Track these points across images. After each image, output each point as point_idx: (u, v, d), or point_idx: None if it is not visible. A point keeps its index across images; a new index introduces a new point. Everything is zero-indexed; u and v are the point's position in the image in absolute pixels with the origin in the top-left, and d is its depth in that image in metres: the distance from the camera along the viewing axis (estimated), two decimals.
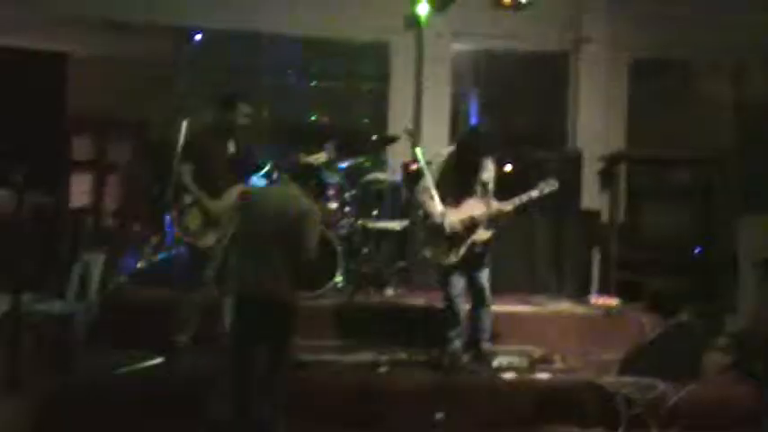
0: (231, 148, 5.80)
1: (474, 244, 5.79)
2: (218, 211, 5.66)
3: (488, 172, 5.86)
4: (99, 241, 7.93)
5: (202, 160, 5.67)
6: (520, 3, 8.12)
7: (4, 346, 5.32)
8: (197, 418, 4.84)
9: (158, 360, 5.46)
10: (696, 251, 7.59)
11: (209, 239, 5.66)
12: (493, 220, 5.77)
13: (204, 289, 5.74)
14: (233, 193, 5.64)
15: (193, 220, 5.67)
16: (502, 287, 6.58)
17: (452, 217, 5.74)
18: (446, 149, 6.12)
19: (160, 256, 7.33)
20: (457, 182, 5.85)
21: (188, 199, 5.74)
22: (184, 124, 5.98)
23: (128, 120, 9.50)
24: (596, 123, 8.53)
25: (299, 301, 4.91)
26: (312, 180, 4.98)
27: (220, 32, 8.81)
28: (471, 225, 5.74)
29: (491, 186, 5.87)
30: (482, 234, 5.79)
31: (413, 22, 8.37)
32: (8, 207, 7.19)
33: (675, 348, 5.82)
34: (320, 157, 6.16)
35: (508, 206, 5.74)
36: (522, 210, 5.81)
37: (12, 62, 5.45)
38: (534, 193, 5.76)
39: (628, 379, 5.59)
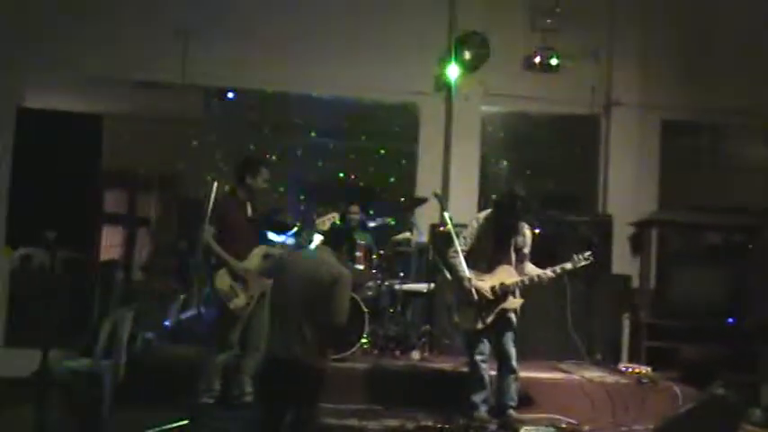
0: (250, 210, 5.93)
1: (503, 311, 5.77)
2: (245, 272, 5.74)
3: (523, 237, 5.89)
4: (128, 297, 7.96)
5: (225, 223, 5.78)
6: (550, 65, 8.19)
7: (33, 404, 5.34)
8: None
9: (184, 422, 5.36)
10: (729, 321, 7.43)
11: (240, 300, 5.73)
12: (525, 288, 5.78)
13: (229, 350, 5.78)
14: (257, 255, 5.76)
15: (222, 281, 5.75)
16: (530, 352, 6.56)
17: (483, 283, 5.72)
18: (481, 213, 6.11)
19: (187, 315, 7.35)
20: (491, 246, 5.84)
21: (213, 260, 5.81)
22: (215, 185, 6.05)
23: (158, 176, 9.62)
24: (627, 186, 8.51)
25: (327, 365, 4.89)
26: (345, 244, 5.00)
27: (250, 91, 8.94)
28: (502, 292, 5.73)
29: (527, 251, 5.89)
30: (512, 302, 5.81)
31: (443, 84, 8.45)
32: (41, 264, 7.33)
33: (709, 422, 5.65)
34: (332, 218, 6.16)
35: (542, 277, 5.76)
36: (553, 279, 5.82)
37: (48, 124, 5.54)
38: (569, 266, 5.80)
39: None
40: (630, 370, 6.70)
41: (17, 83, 7.85)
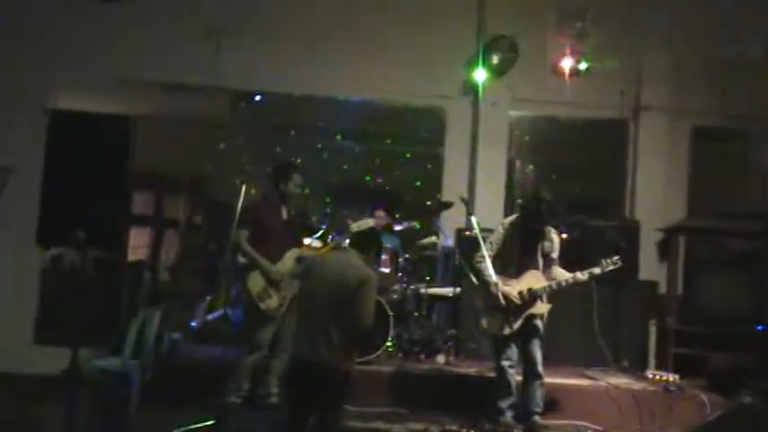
0: (284, 214, 6.00)
1: (531, 316, 5.77)
2: (278, 275, 5.81)
3: (550, 242, 5.88)
4: (155, 297, 8.04)
5: (259, 227, 5.86)
6: (578, 70, 8.14)
7: (63, 402, 5.40)
8: None
9: (211, 422, 5.42)
10: (759, 328, 7.34)
11: (273, 302, 5.80)
12: (552, 293, 5.78)
13: (259, 351, 5.83)
14: (291, 258, 5.83)
15: (255, 283, 5.80)
16: (556, 358, 6.55)
17: (511, 288, 5.72)
18: (508, 218, 6.12)
19: (214, 316, 7.41)
20: (519, 251, 5.85)
21: (243, 261, 5.91)
22: (243, 188, 6.10)
23: (185, 178, 9.71)
24: (655, 191, 8.43)
25: (353, 368, 4.90)
26: (373, 248, 5.01)
27: (277, 94, 8.97)
28: (530, 297, 5.73)
29: (555, 255, 5.89)
30: (540, 307, 5.81)
31: (470, 87, 8.42)
32: (71, 264, 7.43)
33: (738, 430, 5.61)
34: (365, 224, 6.19)
35: (570, 281, 5.75)
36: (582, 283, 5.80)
37: (79, 125, 5.65)
38: (597, 270, 5.78)
39: None
40: (658, 377, 6.63)
41: (48, 85, 7.87)
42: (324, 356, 4.63)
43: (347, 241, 5.91)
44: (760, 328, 7.30)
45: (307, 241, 6.54)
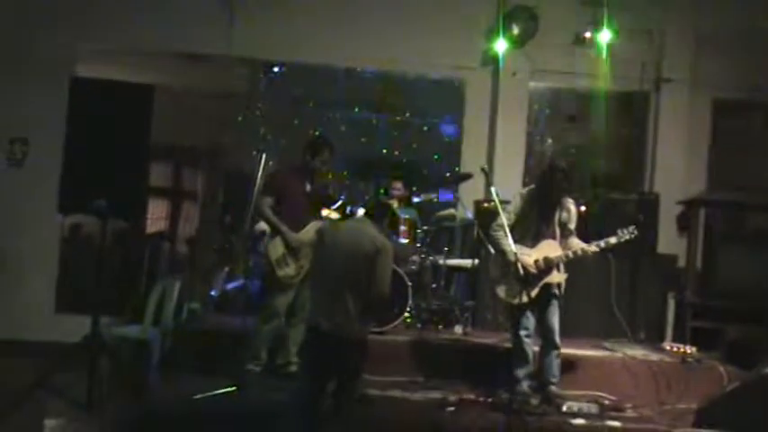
0: (308, 187, 6.04)
1: (547, 285, 5.78)
2: (299, 243, 5.85)
3: (567, 212, 5.88)
4: (175, 267, 8.12)
5: (283, 196, 5.91)
6: (600, 42, 8.08)
7: (83, 369, 5.48)
8: None
9: (231, 388, 5.53)
10: None
11: (290, 270, 5.83)
12: (569, 263, 5.79)
13: (276, 319, 5.88)
14: (312, 228, 5.82)
15: (275, 250, 5.84)
16: (573, 329, 6.57)
17: (527, 257, 5.73)
18: (526, 188, 6.13)
19: (232, 285, 7.47)
20: (536, 221, 5.85)
21: (262, 229, 5.95)
22: (263, 158, 6.14)
23: (204, 148, 9.74)
24: (676, 164, 8.44)
25: (368, 336, 4.95)
26: (387, 217, 5.02)
27: (296, 65, 9.00)
28: (546, 266, 5.74)
29: (572, 227, 5.89)
30: (556, 276, 5.82)
31: (490, 59, 8.41)
32: (89, 234, 7.49)
33: (755, 402, 5.60)
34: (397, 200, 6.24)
35: (586, 250, 5.74)
36: (599, 253, 5.81)
37: (101, 93, 5.64)
38: (613, 240, 5.78)
39: (703, 431, 5.39)
40: (675, 349, 6.65)
41: (69, 53, 7.99)
42: (340, 325, 4.67)
43: (361, 211, 5.94)
44: None
45: (324, 213, 6.56)
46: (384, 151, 9.69)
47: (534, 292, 5.74)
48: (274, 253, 5.84)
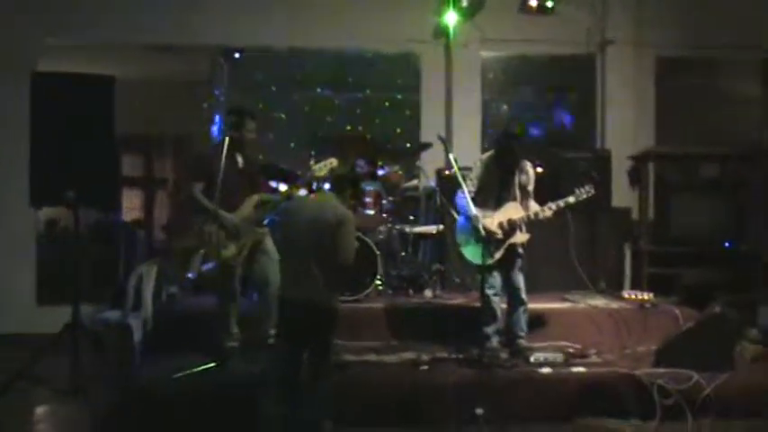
0: (240, 162, 5.94)
1: (512, 246, 6.03)
2: (235, 222, 5.81)
3: (526, 175, 6.11)
4: (151, 253, 8.23)
5: (213, 177, 5.73)
6: (546, 8, 8.28)
7: (66, 356, 5.61)
8: (249, 418, 5.09)
9: (211, 365, 5.65)
10: (726, 245, 7.66)
11: (230, 251, 5.81)
12: (531, 223, 6.02)
13: (232, 298, 5.94)
14: (249, 204, 5.84)
15: (212, 234, 5.79)
16: (538, 285, 6.78)
17: (491, 220, 5.96)
18: (485, 154, 6.33)
19: (207, 266, 7.59)
20: (497, 186, 6.08)
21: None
22: (226, 140, 6.22)
23: (172, 137, 9.82)
24: (624, 122, 8.67)
25: (338, 304, 5.11)
26: (348, 189, 5.17)
27: (256, 49, 9.10)
28: (510, 228, 5.98)
29: (530, 188, 6.11)
30: (519, 236, 6.05)
31: (441, 31, 8.57)
32: (65, 228, 7.59)
33: (709, 339, 5.93)
34: (330, 164, 6.26)
35: (546, 210, 5.97)
36: (557, 212, 6.03)
37: (62, 86, 5.75)
38: (571, 199, 6.00)
39: (663, 370, 5.73)
40: (633, 296, 6.93)
41: (30, 48, 8.00)
42: (309, 295, 4.84)
43: (327, 186, 6.04)
44: (727, 245, 7.63)
45: (274, 185, 6.63)
46: (348, 128, 9.82)
47: (500, 253, 5.97)
48: (212, 237, 5.76)
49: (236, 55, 9.13)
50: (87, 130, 5.66)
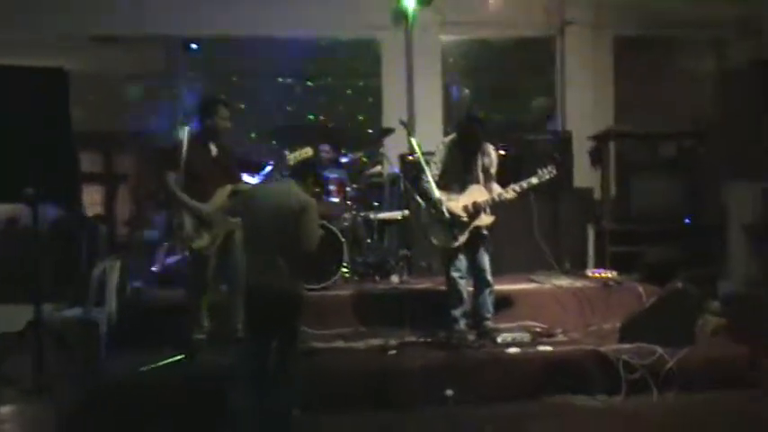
0: (214, 150, 5.90)
1: (477, 228, 6.05)
2: (208, 212, 5.77)
3: (489, 157, 6.13)
4: (114, 249, 8.14)
5: (187, 167, 5.73)
6: None
7: (30, 355, 5.51)
8: (218, 411, 5.07)
9: (178, 357, 5.62)
10: (686, 221, 7.78)
11: (203, 241, 5.77)
12: (494, 205, 6.05)
13: (204, 290, 5.89)
14: (221, 194, 5.80)
15: (187, 224, 5.76)
16: (502, 267, 6.81)
17: (456, 203, 5.99)
18: (447, 138, 6.34)
19: (172, 259, 7.55)
20: (460, 169, 6.10)
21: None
22: (186, 131, 6.17)
23: (132, 131, 9.71)
24: (585, 103, 8.78)
25: (303, 291, 5.11)
26: (310, 176, 5.15)
27: (213, 39, 8.97)
28: (475, 211, 6.01)
29: (493, 171, 6.14)
30: (484, 219, 6.08)
31: (400, 16, 8.57)
32: (23, 219, 7.44)
33: (671, 314, 6.05)
34: (305, 153, 6.25)
35: (510, 192, 6.01)
36: (521, 194, 6.08)
37: (14, 80, 5.63)
38: (534, 180, 6.05)
39: (627, 346, 5.85)
40: (597, 275, 7.04)
41: None
42: (273, 283, 4.82)
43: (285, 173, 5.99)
44: (687, 221, 7.76)
45: (245, 177, 6.59)
46: (311, 117, 9.78)
47: (465, 236, 6.00)
48: (187, 227, 5.74)
49: (193, 46, 9.01)
50: (43, 125, 5.55)
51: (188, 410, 5.19)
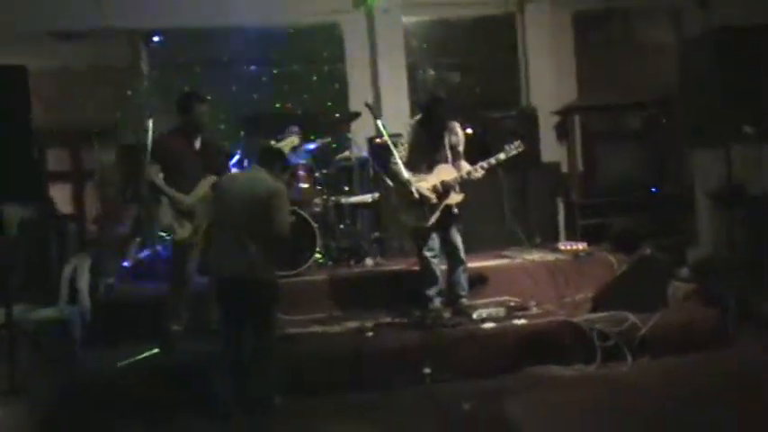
0: (197, 143, 5.92)
1: (448, 207, 6.09)
2: (190, 204, 5.77)
3: (456, 136, 6.16)
4: (84, 247, 8.07)
5: (170, 159, 5.79)
6: None
7: (3, 356, 5.48)
8: (198, 401, 5.07)
9: (154, 351, 5.61)
10: (653, 190, 7.89)
11: (186, 232, 5.77)
12: (464, 183, 6.08)
13: (186, 280, 5.88)
14: (204, 186, 5.80)
15: (164, 215, 5.77)
16: (474, 244, 6.83)
17: (425, 183, 6.01)
18: (414, 119, 6.35)
19: (144, 254, 7.52)
20: (428, 149, 6.12)
21: (161, 197, 5.84)
22: (150, 124, 6.14)
23: (97, 127, 9.60)
24: (547, 78, 8.80)
25: (276, 277, 5.12)
26: (277, 163, 5.17)
27: (175, 31, 8.89)
28: (444, 190, 6.04)
29: (461, 149, 6.17)
30: (454, 197, 6.12)
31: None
32: None
33: (641, 281, 6.16)
34: (292, 142, 6.31)
35: (478, 170, 6.03)
36: (489, 171, 6.11)
37: None
38: (501, 156, 6.09)
39: (600, 315, 5.94)
40: (568, 247, 7.12)
41: None
42: (244, 270, 4.85)
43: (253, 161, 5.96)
44: (654, 190, 7.88)
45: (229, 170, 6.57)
46: (277, 105, 9.74)
47: (436, 216, 6.02)
48: (164, 218, 5.76)
49: (156, 38, 8.93)
50: (2, 124, 5.48)
51: (166, 403, 5.17)
